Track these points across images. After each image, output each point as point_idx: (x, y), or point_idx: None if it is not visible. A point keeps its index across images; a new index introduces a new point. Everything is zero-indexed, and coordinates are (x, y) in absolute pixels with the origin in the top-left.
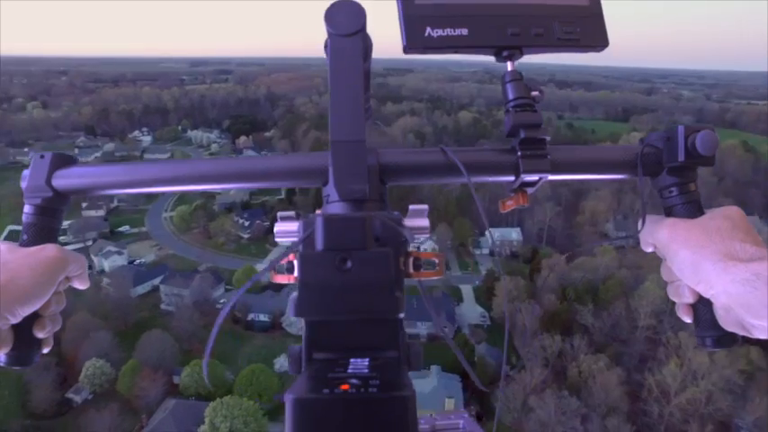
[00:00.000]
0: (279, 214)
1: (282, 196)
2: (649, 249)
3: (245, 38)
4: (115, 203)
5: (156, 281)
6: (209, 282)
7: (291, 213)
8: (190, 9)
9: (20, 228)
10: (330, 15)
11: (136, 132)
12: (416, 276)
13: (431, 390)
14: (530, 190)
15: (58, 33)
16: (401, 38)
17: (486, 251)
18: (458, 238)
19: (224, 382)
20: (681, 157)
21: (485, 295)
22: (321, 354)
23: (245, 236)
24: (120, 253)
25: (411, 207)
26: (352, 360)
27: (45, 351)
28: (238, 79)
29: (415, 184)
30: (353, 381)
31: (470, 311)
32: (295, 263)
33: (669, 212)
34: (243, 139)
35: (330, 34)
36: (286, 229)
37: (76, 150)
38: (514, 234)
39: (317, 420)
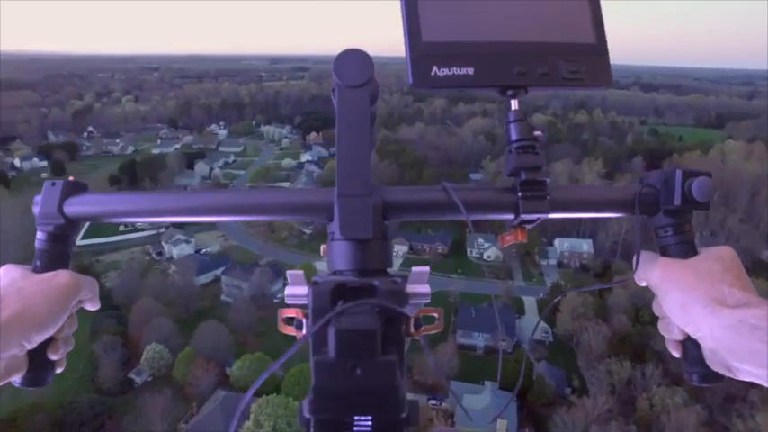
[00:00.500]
0: (288, 273)
1: None
2: (642, 284)
3: (323, 36)
4: None
5: (219, 271)
6: (267, 276)
7: (300, 273)
8: (275, 9)
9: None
10: (338, 66)
11: (213, 126)
12: (417, 335)
13: (483, 407)
14: (529, 226)
15: (155, 33)
16: (408, 75)
17: (553, 262)
18: (524, 246)
19: (274, 379)
20: (677, 202)
21: (549, 309)
22: (327, 414)
23: (308, 231)
24: (187, 242)
25: (414, 269)
26: (356, 418)
27: (58, 371)
28: (314, 76)
29: (417, 220)
30: None
31: (532, 325)
32: (303, 321)
33: (664, 251)
34: (313, 135)
35: (338, 85)
36: (296, 293)
37: (158, 141)
38: (585, 246)
39: None
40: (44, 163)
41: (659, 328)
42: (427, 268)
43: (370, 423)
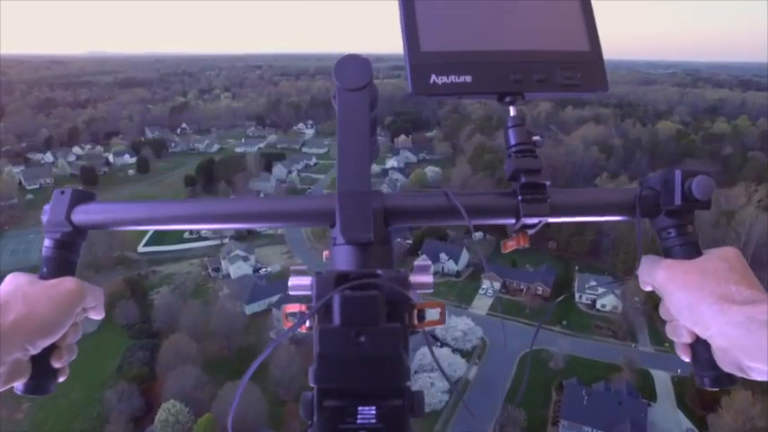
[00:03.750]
0: (291, 268)
1: None
2: (647, 288)
3: None
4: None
5: (274, 298)
6: None
7: (303, 268)
8: (377, 7)
9: None
10: (338, 70)
11: (300, 125)
12: (420, 327)
13: None
14: (530, 231)
15: (266, 33)
16: (408, 84)
17: None
18: (652, 298)
19: None
20: (677, 201)
21: (694, 398)
22: (331, 401)
23: None
24: (246, 259)
25: (416, 263)
26: (359, 408)
27: (61, 380)
28: None
29: (418, 225)
30: None
31: (667, 420)
32: (307, 323)
33: (667, 253)
34: (402, 138)
35: (338, 88)
36: (299, 284)
37: (243, 140)
38: None
39: None
40: (133, 159)
41: (667, 333)
42: (429, 262)
43: (374, 412)
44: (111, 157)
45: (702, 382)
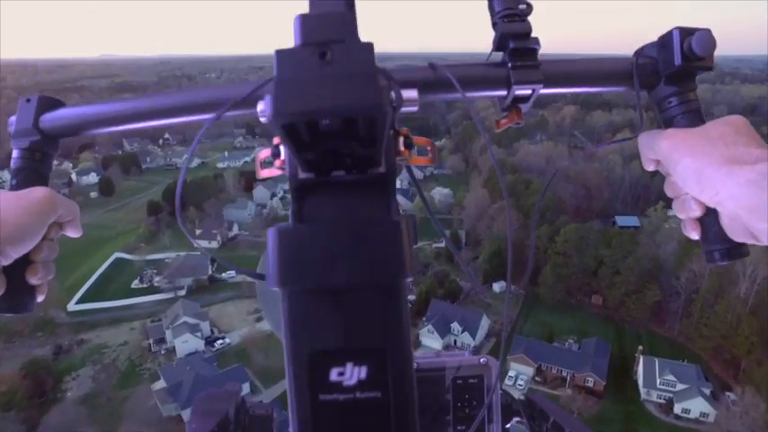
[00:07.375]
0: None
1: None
2: (651, 167)
3: (440, 33)
4: (235, 231)
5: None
6: None
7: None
8: (386, 6)
9: (126, 255)
10: None
11: None
12: (405, 155)
13: None
14: (523, 106)
15: (273, 33)
16: None
17: None
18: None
19: None
20: (677, 61)
21: None
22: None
23: None
24: (195, 328)
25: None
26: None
27: (39, 299)
28: None
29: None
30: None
31: None
32: (281, 148)
33: (669, 124)
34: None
35: None
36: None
37: (226, 153)
38: None
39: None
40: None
41: (675, 211)
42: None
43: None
44: (74, 176)
45: (713, 257)
